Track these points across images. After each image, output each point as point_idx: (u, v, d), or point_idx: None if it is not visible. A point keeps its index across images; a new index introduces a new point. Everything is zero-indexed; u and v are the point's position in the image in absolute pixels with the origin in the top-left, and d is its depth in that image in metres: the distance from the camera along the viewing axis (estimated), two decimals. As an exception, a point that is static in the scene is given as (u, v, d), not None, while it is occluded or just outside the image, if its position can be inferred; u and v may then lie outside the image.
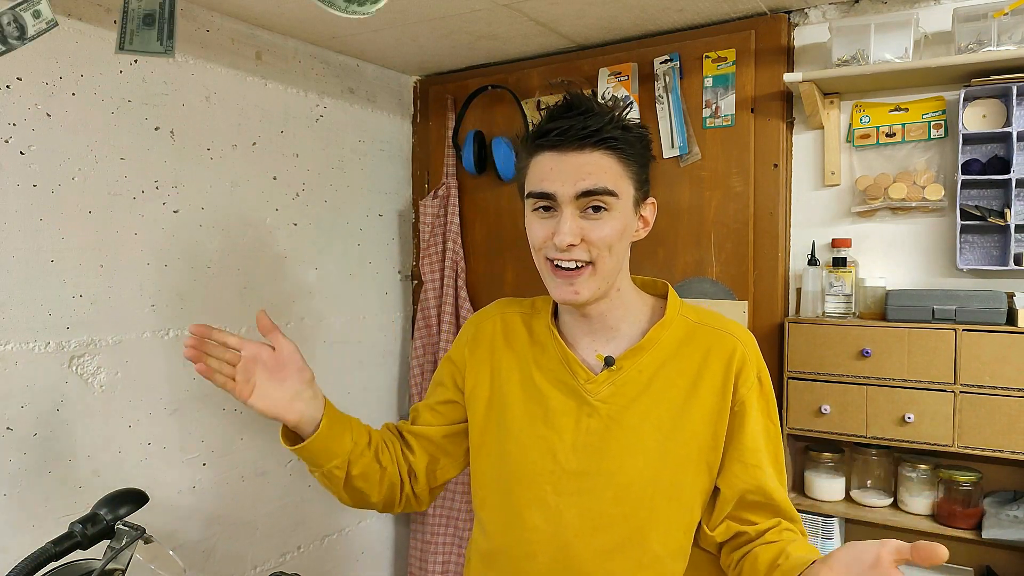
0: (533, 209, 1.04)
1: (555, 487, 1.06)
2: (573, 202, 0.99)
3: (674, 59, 1.95)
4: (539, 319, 1.16)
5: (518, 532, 1.08)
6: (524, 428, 1.09)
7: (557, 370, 1.10)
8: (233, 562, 1.89)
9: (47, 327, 1.51)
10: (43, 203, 1.50)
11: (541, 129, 1.02)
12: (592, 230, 1.00)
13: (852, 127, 1.80)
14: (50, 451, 1.52)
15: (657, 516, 1.04)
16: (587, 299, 1.03)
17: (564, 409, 1.07)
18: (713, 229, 1.94)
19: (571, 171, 0.99)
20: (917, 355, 1.60)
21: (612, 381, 1.06)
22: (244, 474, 1.91)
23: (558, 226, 0.99)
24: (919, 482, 1.68)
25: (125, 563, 1.17)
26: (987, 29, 1.57)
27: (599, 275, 1.02)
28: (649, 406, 1.05)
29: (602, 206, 1.00)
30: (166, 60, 1.71)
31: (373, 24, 1.90)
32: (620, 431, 1.05)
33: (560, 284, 1.02)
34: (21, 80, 1.46)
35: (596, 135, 0.99)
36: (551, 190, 1.00)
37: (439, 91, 2.38)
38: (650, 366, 1.07)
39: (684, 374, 1.06)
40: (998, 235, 1.66)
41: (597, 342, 1.10)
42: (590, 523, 1.04)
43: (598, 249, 1.00)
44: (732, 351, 1.06)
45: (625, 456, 1.04)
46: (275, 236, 1.99)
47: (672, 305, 1.11)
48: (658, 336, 1.08)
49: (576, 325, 1.11)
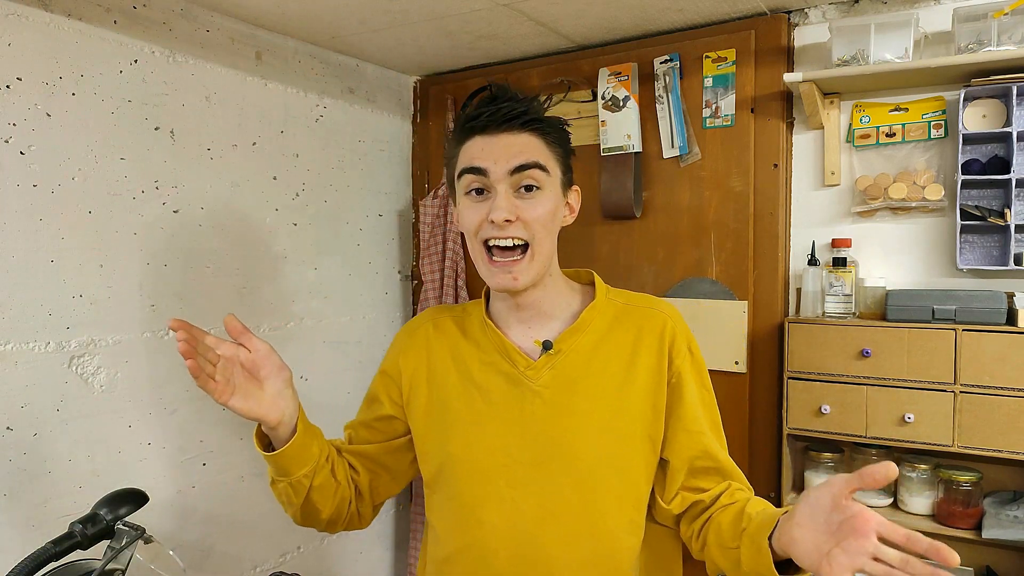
0: (465, 192, 1.06)
1: (508, 480, 1.06)
2: (507, 179, 1.02)
3: (674, 59, 1.95)
4: (471, 318, 1.17)
5: (474, 532, 1.07)
6: (468, 426, 1.09)
7: (496, 361, 1.10)
8: (233, 562, 1.89)
9: (47, 327, 1.51)
10: (43, 203, 1.50)
11: (469, 115, 1.06)
12: (526, 209, 1.03)
13: (852, 127, 1.80)
14: (50, 451, 1.52)
15: (610, 494, 1.06)
16: (525, 284, 1.05)
17: (507, 399, 1.08)
18: (713, 229, 1.94)
19: (502, 149, 1.02)
20: (917, 355, 1.60)
21: (552, 365, 1.08)
22: (244, 474, 1.91)
23: (493, 204, 1.02)
24: (919, 482, 1.68)
25: (125, 563, 1.17)
26: (987, 29, 1.57)
27: (536, 260, 1.05)
28: (591, 386, 1.07)
29: (534, 184, 1.03)
30: (167, 60, 1.71)
31: (373, 24, 1.90)
32: (566, 413, 1.06)
33: (497, 271, 1.04)
34: (21, 80, 1.46)
35: (523, 116, 1.04)
36: (484, 165, 1.02)
37: (439, 91, 2.38)
38: (587, 347, 1.09)
39: (620, 352, 1.09)
40: (998, 235, 1.66)
41: (532, 329, 1.12)
42: (550, 510, 1.05)
43: (533, 229, 1.03)
44: (663, 326, 1.10)
45: (575, 438, 1.06)
46: (275, 236, 1.99)
47: (600, 289, 1.15)
48: (591, 318, 1.11)
49: (510, 314, 1.12)
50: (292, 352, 2.03)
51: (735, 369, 1.89)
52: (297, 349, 2.05)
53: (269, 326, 1.97)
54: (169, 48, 1.72)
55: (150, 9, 1.68)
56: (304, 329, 2.07)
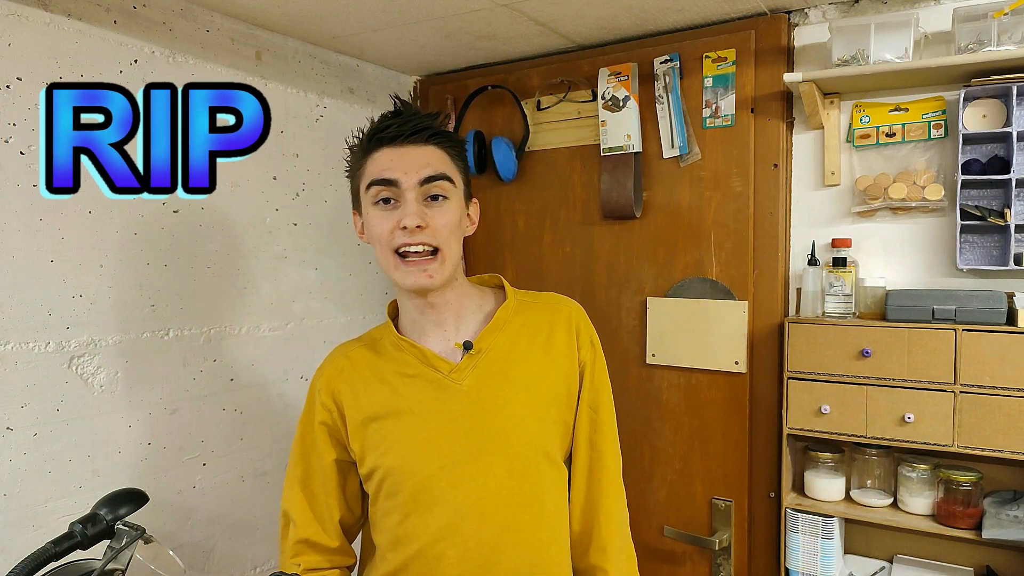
0: (374, 203, 1.09)
1: (449, 481, 1.09)
2: (416, 188, 1.07)
3: (674, 59, 1.95)
4: (381, 342, 1.20)
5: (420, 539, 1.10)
6: (402, 438, 1.12)
7: (420, 372, 1.14)
8: (233, 562, 1.89)
9: (47, 327, 1.51)
10: (43, 203, 1.50)
11: (377, 127, 1.11)
12: (434, 216, 1.08)
13: (852, 127, 1.80)
14: (50, 451, 1.52)
15: (543, 478, 1.13)
16: (439, 283, 1.09)
17: (435, 404, 1.11)
18: (713, 229, 1.94)
19: (411, 161, 1.08)
20: (917, 355, 1.60)
21: (475, 365, 1.13)
22: (244, 474, 1.91)
23: (403, 211, 1.07)
24: (919, 482, 1.68)
25: (125, 563, 1.17)
26: (987, 29, 1.57)
27: (446, 263, 1.10)
28: (513, 379, 1.13)
29: (441, 194, 1.09)
30: (167, 60, 1.71)
31: (373, 24, 1.90)
32: (494, 407, 1.11)
33: (412, 271, 1.08)
34: (21, 80, 1.46)
35: (430, 130, 1.10)
36: (393, 176, 1.07)
37: (439, 91, 2.38)
38: (505, 344, 1.15)
39: (535, 346, 1.16)
40: (998, 235, 1.66)
41: (448, 332, 1.16)
42: (491, 503, 1.09)
43: (442, 235, 1.08)
44: (568, 319, 1.20)
45: (504, 428, 1.11)
46: (275, 236, 1.99)
47: (510, 291, 1.21)
48: (505, 316, 1.17)
49: (424, 319, 1.16)
50: (292, 352, 2.03)
51: (735, 369, 1.89)
52: (297, 349, 2.05)
53: (269, 326, 1.97)
54: (169, 48, 1.72)
55: (150, 9, 1.68)
56: (304, 329, 2.07)
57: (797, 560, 1.77)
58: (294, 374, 2.04)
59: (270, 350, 1.97)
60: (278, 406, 2.00)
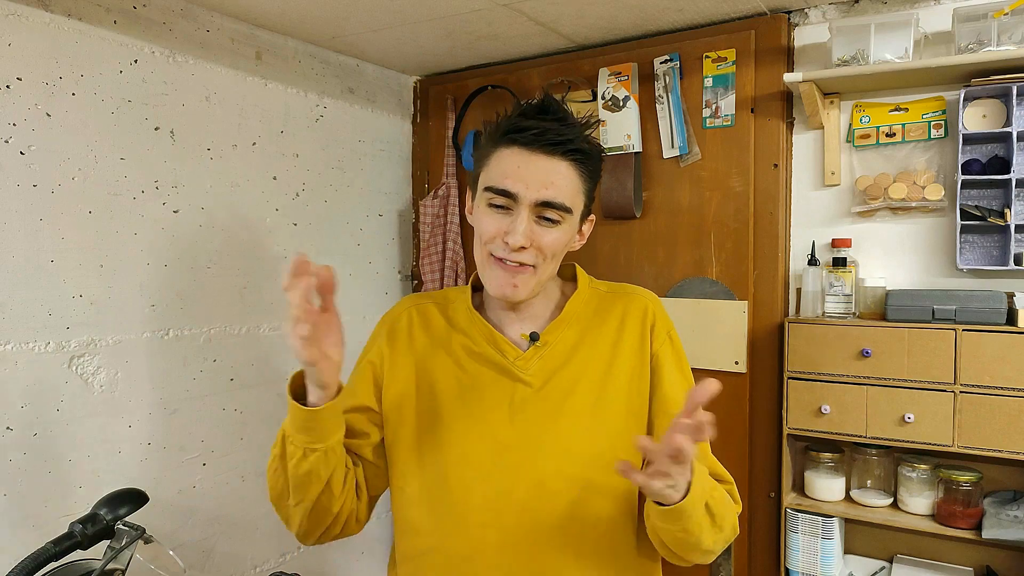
0: (488, 204, 1.05)
1: (498, 465, 1.06)
2: (531, 207, 1.02)
3: (674, 59, 1.95)
4: (456, 307, 1.17)
5: (459, 517, 1.06)
6: (458, 413, 1.09)
7: (485, 351, 1.11)
8: (233, 562, 1.89)
9: (47, 327, 1.51)
10: (43, 203, 1.50)
11: (515, 124, 1.03)
12: (542, 236, 1.03)
13: (852, 127, 1.80)
14: (50, 451, 1.52)
15: (597, 481, 1.06)
16: (522, 296, 1.06)
17: (498, 388, 1.09)
18: (713, 229, 1.94)
19: (537, 175, 1.01)
20: (917, 355, 1.60)
21: (540, 356, 1.10)
22: (244, 474, 1.91)
23: (512, 226, 1.02)
24: (919, 482, 1.68)
25: (125, 563, 1.17)
26: (987, 29, 1.57)
27: (538, 278, 1.06)
28: (577, 375, 1.09)
29: (555, 219, 1.04)
30: (167, 60, 1.71)
31: (373, 24, 1.90)
32: (554, 402, 1.08)
33: (501, 276, 1.04)
34: (21, 80, 1.46)
35: (568, 144, 1.02)
36: (514, 190, 1.01)
37: (439, 91, 2.38)
38: (572, 337, 1.11)
39: (605, 339, 1.11)
40: (998, 235, 1.65)
41: (520, 319, 1.13)
42: (535, 496, 1.05)
43: (543, 256, 1.04)
44: (644, 310, 1.13)
45: (562, 426, 1.07)
46: (275, 236, 1.99)
47: (583, 279, 1.17)
48: (575, 309, 1.13)
49: (500, 306, 1.13)
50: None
51: (735, 369, 1.89)
52: (297, 349, 2.05)
53: (269, 326, 1.97)
54: (169, 48, 1.72)
55: (150, 9, 1.68)
56: (304, 329, 2.07)
57: (797, 560, 1.77)
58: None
59: (270, 350, 1.97)
60: (278, 406, 2.00)
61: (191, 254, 1.78)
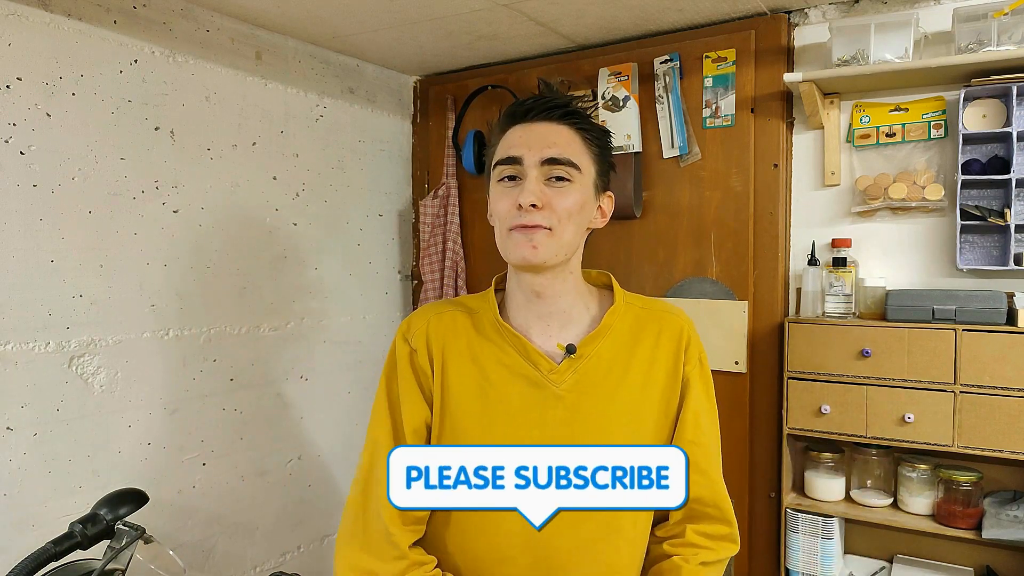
0: (499, 180, 1.05)
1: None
2: (538, 167, 1.02)
3: (674, 59, 1.95)
4: (481, 315, 1.12)
5: (489, 538, 1.05)
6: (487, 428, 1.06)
7: (517, 364, 1.07)
8: (233, 562, 1.89)
9: (47, 327, 1.51)
10: (43, 203, 1.50)
11: (512, 106, 1.07)
12: (555, 197, 1.02)
13: (852, 127, 1.80)
14: (50, 451, 1.52)
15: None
16: (544, 259, 1.02)
17: (530, 402, 1.05)
18: (713, 229, 1.94)
19: (538, 138, 1.03)
20: (917, 355, 1.60)
21: (575, 369, 1.06)
22: (244, 474, 1.91)
23: (522, 188, 1.01)
24: (919, 482, 1.68)
25: (125, 563, 1.17)
26: (987, 29, 1.57)
27: (556, 239, 1.02)
28: (612, 391, 1.07)
29: (565, 177, 1.03)
30: (167, 60, 1.71)
31: (373, 24, 1.90)
32: (587, 418, 1.05)
33: (519, 240, 1.01)
34: (21, 80, 1.46)
35: (562, 107, 1.04)
36: (518, 154, 1.02)
37: (439, 91, 2.38)
38: (608, 351, 1.08)
39: (640, 357, 1.09)
40: (998, 235, 1.65)
41: (551, 328, 1.09)
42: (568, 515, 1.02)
43: (558, 216, 1.02)
44: (680, 331, 1.11)
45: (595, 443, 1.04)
46: (275, 236, 1.99)
47: (619, 293, 1.14)
48: (611, 322, 1.10)
49: (529, 309, 1.09)
50: (292, 352, 2.03)
51: (735, 369, 1.89)
52: (297, 349, 2.05)
53: (269, 326, 1.97)
54: (169, 48, 1.72)
55: (150, 9, 1.68)
56: (304, 329, 2.07)
57: (797, 560, 1.77)
58: (294, 374, 2.04)
59: (270, 350, 1.97)
60: (278, 406, 2.00)
61: (191, 254, 1.78)
